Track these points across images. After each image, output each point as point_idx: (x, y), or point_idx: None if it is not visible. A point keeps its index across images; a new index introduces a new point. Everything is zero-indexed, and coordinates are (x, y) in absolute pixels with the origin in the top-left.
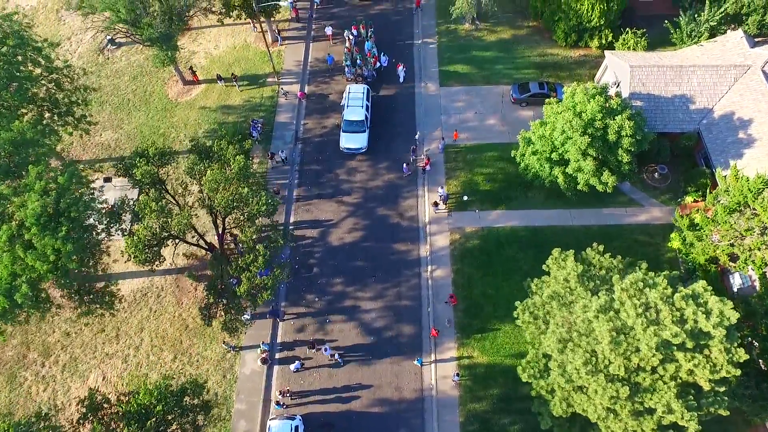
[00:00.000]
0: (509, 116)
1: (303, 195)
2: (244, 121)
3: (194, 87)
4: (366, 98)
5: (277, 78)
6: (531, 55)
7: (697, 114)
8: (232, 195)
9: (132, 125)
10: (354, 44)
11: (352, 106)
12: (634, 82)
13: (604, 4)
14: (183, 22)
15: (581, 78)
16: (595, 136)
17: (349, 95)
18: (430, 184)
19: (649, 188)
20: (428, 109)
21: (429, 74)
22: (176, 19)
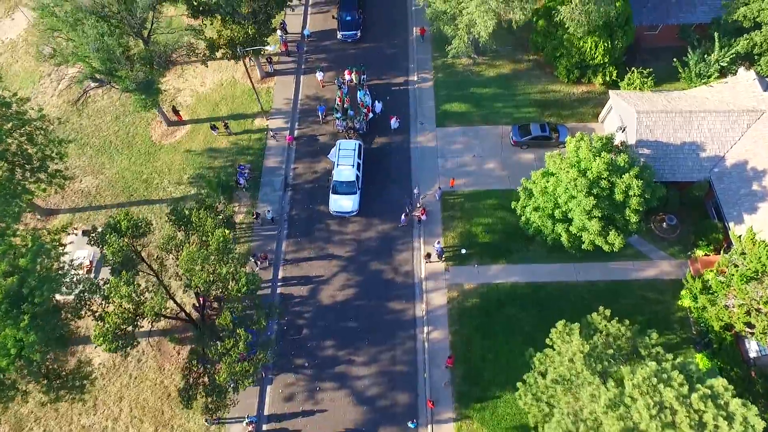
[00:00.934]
0: (509, 159)
1: (292, 248)
2: (230, 166)
3: (179, 128)
4: (357, 155)
5: (265, 118)
6: (532, 91)
7: (708, 162)
8: (209, 276)
9: (114, 170)
10: (345, 93)
11: (342, 165)
12: (641, 128)
13: (608, 42)
14: (165, 67)
15: (584, 117)
16: (600, 195)
17: (339, 152)
18: (426, 235)
19: (657, 239)
20: (424, 152)
21: (425, 113)
22: (157, 64)
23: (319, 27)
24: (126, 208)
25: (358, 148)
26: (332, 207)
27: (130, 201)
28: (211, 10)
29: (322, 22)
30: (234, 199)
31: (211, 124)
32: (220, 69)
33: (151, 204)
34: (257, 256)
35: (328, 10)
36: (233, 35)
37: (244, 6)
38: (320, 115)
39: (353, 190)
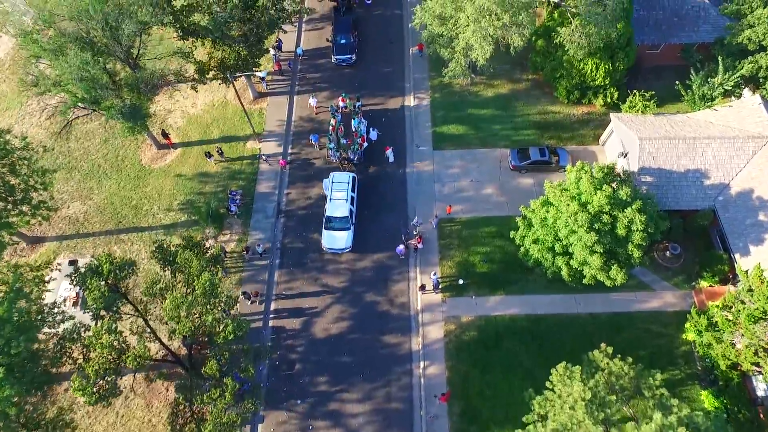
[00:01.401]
0: (508, 184)
1: (285, 278)
2: (222, 191)
3: (169, 151)
4: (351, 189)
5: (258, 140)
6: (531, 113)
7: (712, 190)
8: (194, 324)
9: (102, 195)
10: (339, 121)
11: (335, 199)
12: (643, 155)
13: (609, 65)
14: (153, 93)
15: (585, 139)
16: (602, 230)
17: (332, 185)
18: (422, 264)
19: (660, 269)
20: (421, 176)
21: (421, 136)
22: (144, 90)
23: (313, 45)
24: (114, 236)
25: (352, 181)
26: (324, 243)
27: (118, 228)
28: (200, 33)
29: (316, 40)
30: (225, 226)
31: (206, 152)
32: (212, 89)
33: (140, 231)
34: (248, 294)
35: (323, 27)
36: (224, 57)
37: (235, 29)
38: (315, 144)
39: (346, 225)
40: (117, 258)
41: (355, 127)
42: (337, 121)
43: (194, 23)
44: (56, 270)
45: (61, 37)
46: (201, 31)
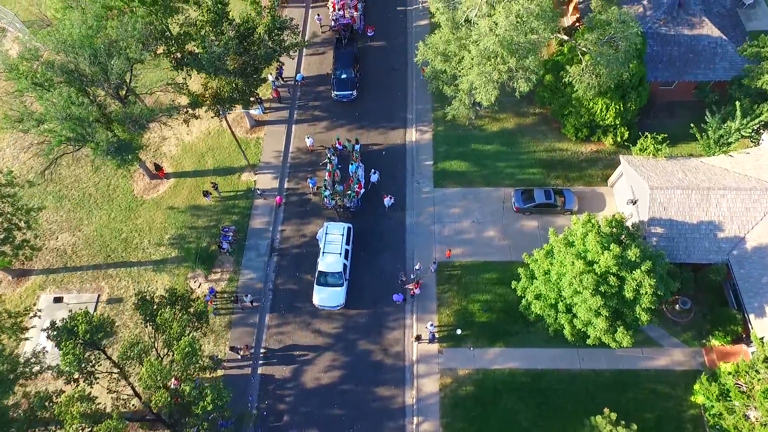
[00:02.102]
0: (511, 227)
1: (276, 322)
2: (214, 226)
3: (162, 182)
4: (346, 241)
5: (253, 172)
6: (537, 149)
7: (726, 244)
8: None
9: (92, 227)
10: (336, 165)
11: (328, 253)
12: (654, 206)
13: (620, 105)
14: (143, 129)
15: (593, 180)
16: (608, 293)
17: (325, 236)
18: (419, 311)
19: (668, 323)
20: (420, 216)
21: (422, 171)
22: (133, 130)
23: (314, 71)
24: (103, 270)
25: (347, 233)
26: (316, 299)
27: (107, 262)
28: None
29: (317, 65)
30: (216, 264)
31: (204, 191)
32: (208, 117)
33: (129, 267)
34: (237, 349)
35: (324, 51)
36: (219, 88)
37: (230, 62)
38: (312, 188)
39: (340, 281)
40: (95, 317)
41: (353, 172)
42: (333, 165)
43: (188, 54)
44: (36, 317)
45: (48, 70)
46: (195, 64)
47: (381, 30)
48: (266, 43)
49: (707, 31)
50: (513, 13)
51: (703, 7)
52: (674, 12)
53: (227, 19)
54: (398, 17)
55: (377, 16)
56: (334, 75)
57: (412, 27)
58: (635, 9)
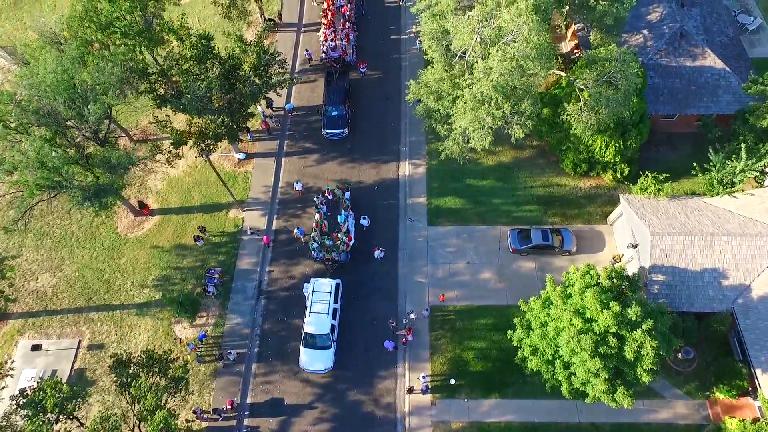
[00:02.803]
0: (507, 268)
1: (263, 370)
2: (200, 267)
3: (147, 219)
4: (334, 299)
5: (241, 209)
6: (534, 185)
7: (731, 292)
8: None
9: (74, 267)
10: (325, 214)
11: (314, 312)
12: (655, 252)
13: (620, 143)
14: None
15: (592, 217)
16: (608, 354)
17: (312, 294)
18: (411, 360)
19: (671, 373)
20: (414, 256)
21: (415, 208)
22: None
23: (305, 100)
24: (84, 314)
25: (335, 290)
26: (302, 362)
27: (88, 305)
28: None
29: (308, 94)
30: (201, 308)
31: (195, 236)
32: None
33: (111, 310)
34: (221, 411)
35: (315, 79)
36: (204, 125)
37: (216, 100)
38: (300, 238)
39: (327, 343)
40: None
41: (342, 221)
42: (321, 216)
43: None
44: (9, 375)
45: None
46: (177, 106)
47: (374, 57)
48: (252, 80)
49: (710, 63)
50: (508, 57)
51: (706, 37)
52: (676, 43)
53: (212, 54)
54: (392, 44)
55: (370, 43)
56: (324, 112)
57: (406, 54)
58: (635, 39)
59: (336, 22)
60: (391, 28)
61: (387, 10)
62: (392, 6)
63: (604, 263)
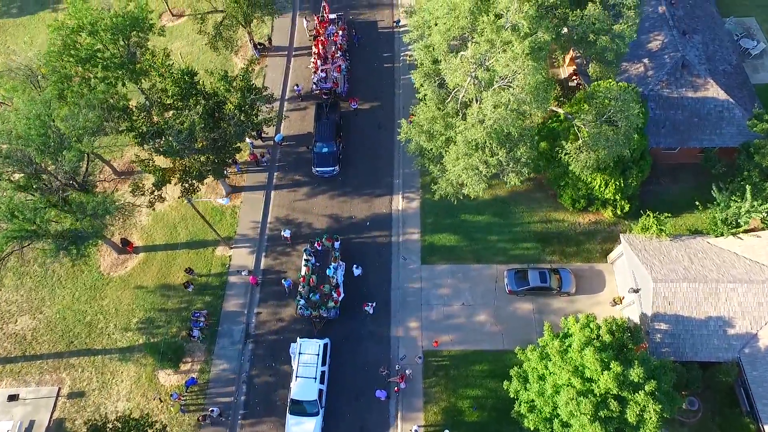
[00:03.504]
0: (504, 310)
1: (249, 420)
2: (185, 309)
3: (131, 256)
4: (322, 362)
5: (228, 246)
6: (531, 220)
7: (737, 341)
8: None
9: (55, 308)
10: (313, 267)
11: (301, 376)
12: (658, 300)
13: (620, 181)
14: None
15: (591, 255)
16: (609, 417)
17: (298, 357)
18: (404, 409)
19: (675, 424)
20: (406, 296)
21: (409, 246)
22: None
23: (295, 129)
24: (65, 359)
25: (323, 352)
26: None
27: (69, 350)
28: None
29: (298, 123)
30: (186, 352)
31: (185, 283)
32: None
33: (93, 355)
34: None
35: (305, 107)
36: (189, 164)
37: (200, 141)
38: (286, 290)
39: (315, 410)
40: None
41: (330, 275)
42: (309, 269)
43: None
44: None
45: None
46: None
47: (366, 84)
48: (237, 119)
49: (713, 94)
50: (502, 103)
51: (708, 66)
52: (677, 73)
53: (196, 89)
54: (385, 71)
55: (363, 69)
56: (314, 149)
57: (400, 80)
58: (635, 68)
59: (327, 50)
60: (384, 55)
61: (380, 35)
62: (385, 31)
63: (604, 305)
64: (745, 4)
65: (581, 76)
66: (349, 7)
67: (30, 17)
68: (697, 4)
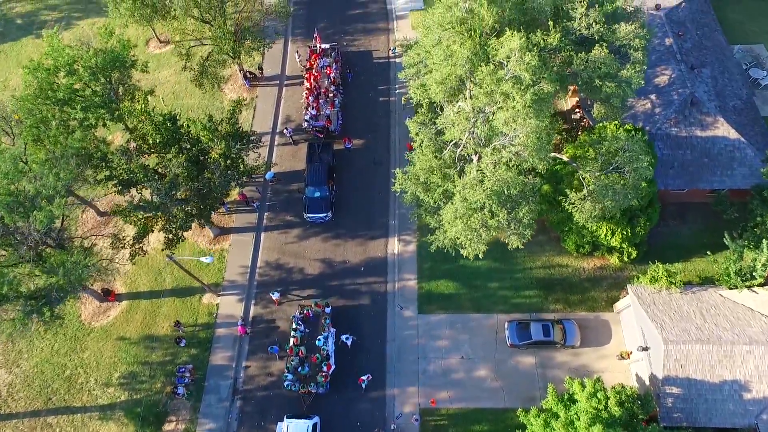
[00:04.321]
0: (505, 364)
1: None
2: (170, 363)
3: (113, 305)
4: None
5: (216, 294)
6: (534, 265)
7: (754, 405)
8: None
9: (32, 362)
10: (302, 334)
11: None
12: (669, 363)
13: (627, 230)
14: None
15: (596, 303)
16: None
17: None
18: None
19: None
20: (402, 348)
21: (405, 294)
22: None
23: (287, 164)
24: (42, 418)
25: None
26: None
27: (47, 407)
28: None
29: (290, 159)
30: (170, 411)
31: (176, 339)
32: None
33: (72, 413)
34: None
35: (297, 141)
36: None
37: (182, 191)
38: (275, 355)
39: None
40: None
41: (320, 345)
42: (298, 339)
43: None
44: None
45: None
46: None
47: (361, 117)
48: (222, 169)
49: (723, 132)
50: (503, 165)
51: (718, 103)
52: (686, 111)
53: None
54: (380, 104)
55: (358, 102)
56: (305, 193)
57: (395, 111)
58: (642, 105)
59: (320, 84)
60: (379, 88)
61: (375, 66)
62: (381, 62)
63: (610, 358)
64: (755, 31)
65: (584, 110)
66: (343, 32)
67: (12, 44)
68: (705, 34)
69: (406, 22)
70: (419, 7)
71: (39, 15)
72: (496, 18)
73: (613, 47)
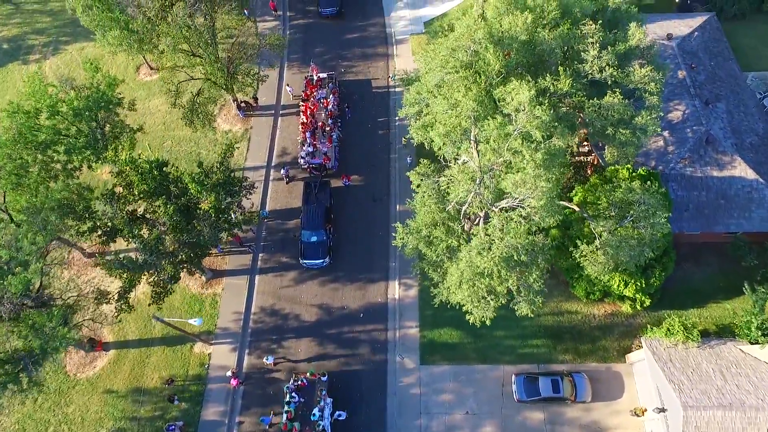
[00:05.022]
0: (512, 421)
1: None
2: (159, 418)
3: (100, 355)
4: None
5: (208, 343)
6: (542, 312)
7: None
8: None
9: (13, 418)
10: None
11: None
12: (689, 429)
13: (641, 282)
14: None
15: (608, 354)
16: None
17: None
18: None
19: None
20: (403, 402)
21: (406, 343)
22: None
23: (282, 202)
24: None
25: None
26: None
27: None
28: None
29: (285, 196)
30: None
31: (169, 397)
32: None
33: None
34: None
35: (293, 177)
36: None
37: (170, 244)
38: (265, 428)
39: None
40: None
41: (315, 420)
42: (291, 413)
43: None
44: None
45: None
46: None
47: (359, 150)
48: (213, 221)
49: (740, 172)
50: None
51: (734, 140)
52: (701, 150)
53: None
54: (379, 137)
55: (356, 136)
56: (301, 237)
57: (395, 143)
58: (655, 143)
59: (317, 118)
60: (379, 120)
61: (374, 96)
62: (380, 91)
63: (623, 414)
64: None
65: (593, 146)
66: (340, 58)
67: None
68: (719, 63)
69: (406, 47)
70: (419, 31)
71: (26, 39)
72: (503, 63)
73: (627, 89)
